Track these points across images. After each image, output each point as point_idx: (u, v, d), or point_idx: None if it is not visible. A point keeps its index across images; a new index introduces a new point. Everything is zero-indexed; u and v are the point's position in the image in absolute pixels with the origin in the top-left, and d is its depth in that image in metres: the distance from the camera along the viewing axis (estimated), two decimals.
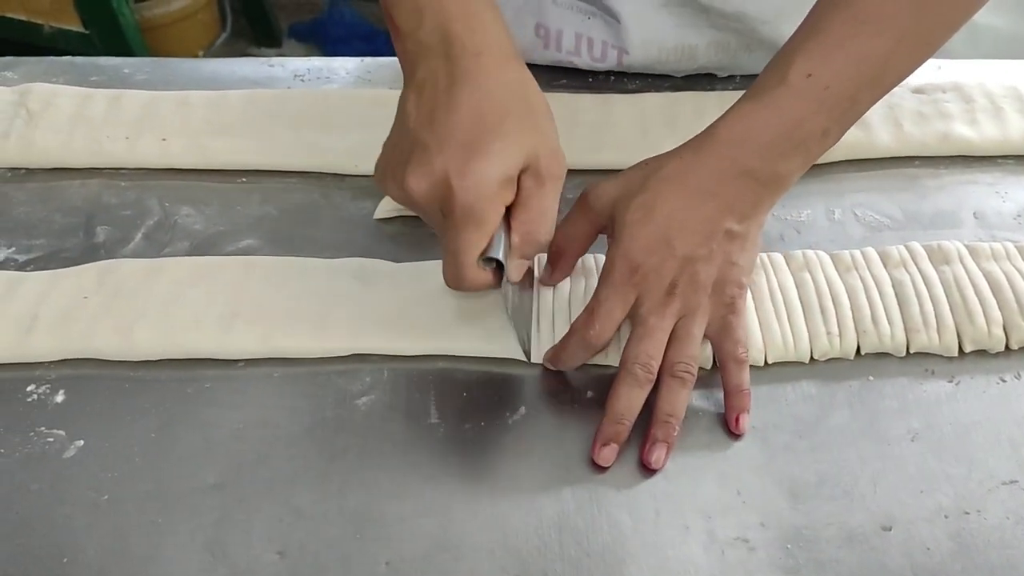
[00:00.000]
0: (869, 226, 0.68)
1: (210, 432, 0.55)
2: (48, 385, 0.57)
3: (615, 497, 0.53)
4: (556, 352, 0.58)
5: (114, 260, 0.63)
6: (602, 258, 0.62)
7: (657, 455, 0.54)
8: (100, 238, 0.66)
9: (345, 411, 0.57)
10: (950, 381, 0.59)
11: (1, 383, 0.57)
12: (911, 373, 0.59)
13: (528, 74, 0.55)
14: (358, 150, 0.70)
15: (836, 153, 0.71)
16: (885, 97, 0.74)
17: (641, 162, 0.59)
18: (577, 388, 0.59)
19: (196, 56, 2.17)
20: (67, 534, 0.51)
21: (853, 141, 0.71)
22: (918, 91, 0.75)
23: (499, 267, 0.54)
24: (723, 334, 0.57)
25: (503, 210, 0.53)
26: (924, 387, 0.58)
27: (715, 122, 0.58)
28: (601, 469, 0.54)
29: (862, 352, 0.60)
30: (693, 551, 0.51)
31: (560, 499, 0.53)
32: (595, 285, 0.59)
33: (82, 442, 0.55)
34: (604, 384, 0.57)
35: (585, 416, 0.56)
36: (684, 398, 0.56)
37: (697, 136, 0.58)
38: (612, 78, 0.81)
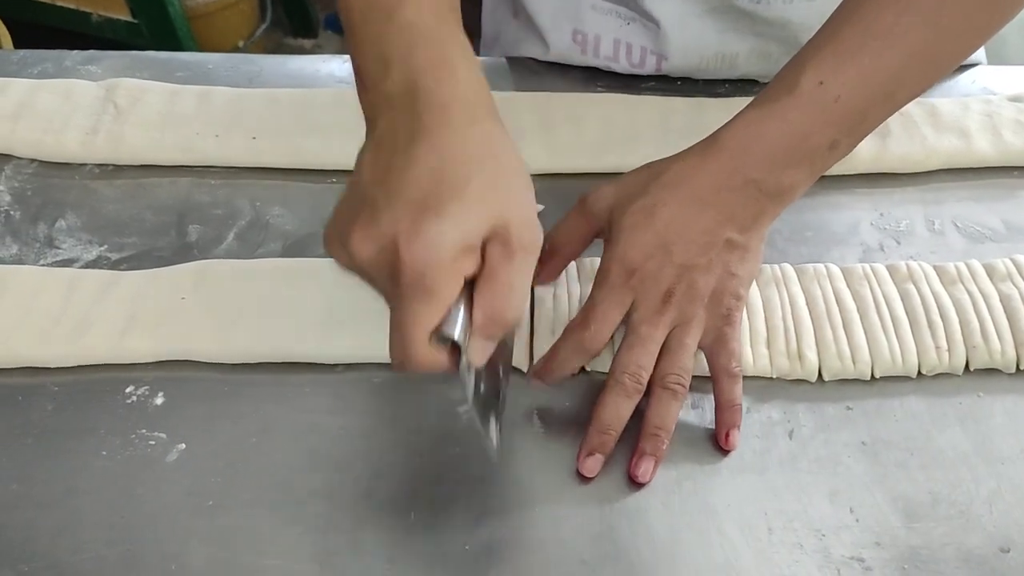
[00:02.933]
0: (970, 237, 0.67)
1: (311, 438, 0.55)
2: (147, 387, 0.57)
3: (726, 512, 0.52)
4: (547, 359, 0.56)
5: (210, 261, 0.62)
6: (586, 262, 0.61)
7: (644, 468, 0.53)
8: (192, 237, 0.65)
9: (447, 419, 0.56)
10: None
11: (100, 384, 0.57)
12: (1022, 390, 0.58)
13: (502, 131, 0.49)
14: None
15: (934, 161, 0.70)
16: (983, 105, 0.73)
17: (643, 166, 0.58)
18: None
19: (237, 46, 2.17)
20: (173, 541, 0.50)
21: (952, 150, 0.70)
22: (1015, 99, 0.74)
23: (456, 348, 0.46)
24: (717, 346, 0.56)
25: (461, 282, 0.45)
26: None
27: (720, 129, 0.56)
28: (585, 480, 0.53)
29: (971, 368, 0.58)
30: (808, 570, 0.50)
31: (670, 512, 0.52)
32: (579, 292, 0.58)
33: (184, 445, 0.54)
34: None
35: (691, 429, 0.56)
36: (675, 411, 0.54)
37: (701, 142, 0.57)
38: (653, 83, 0.79)
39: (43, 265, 0.63)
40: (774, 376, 0.58)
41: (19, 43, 1.54)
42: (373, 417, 0.56)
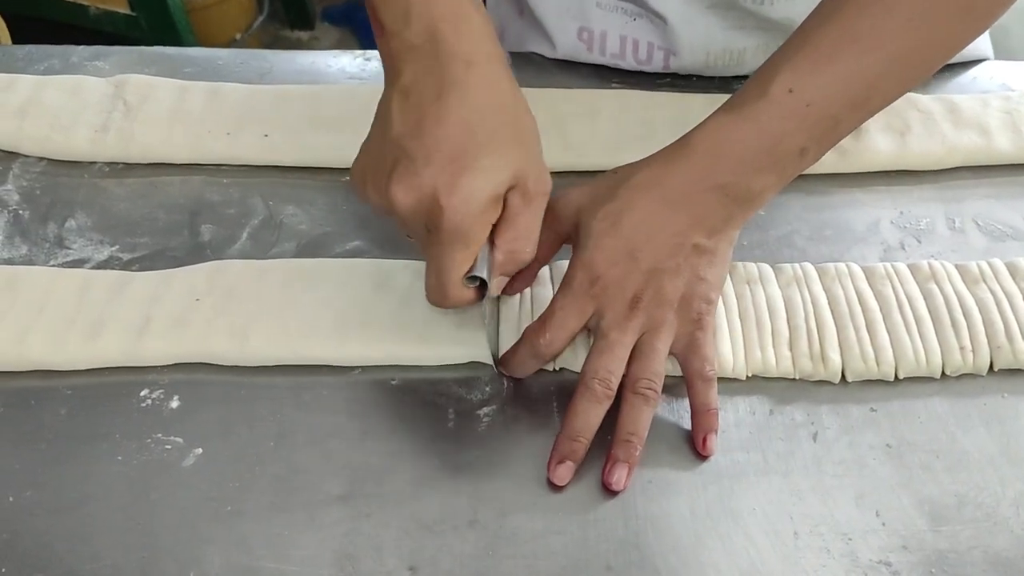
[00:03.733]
0: (991, 235, 0.66)
1: (330, 441, 0.54)
2: (162, 390, 0.56)
3: (751, 517, 0.51)
4: (507, 358, 0.56)
5: (224, 261, 0.61)
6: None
7: (618, 476, 0.52)
8: (205, 237, 0.64)
9: (467, 421, 0.55)
10: None
11: (114, 387, 0.56)
12: None
13: (517, 87, 0.53)
14: None
15: (954, 159, 0.69)
16: (1002, 102, 0.73)
17: (611, 170, 0.57)
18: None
19: (234, 39, 2.16)
20: (192, 547, 0.49)
21: (971, 147, 0.69)
22: None
23: (481, 283, 0.52)
24: (690, 351, 0.55)
25: (489, 228, 0.51)
26: None
27: (690, 132, 0.56)
28: (557, 489, 0.52)
29: (995, 368, 0.58)
30: (836, 575, 0.49)
31: (695, 517, 0.51)
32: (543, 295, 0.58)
33: (200, 450, 0.53)
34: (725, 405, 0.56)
35: (721, 433, 0.55)
36: (647, 416, 0.53)
37: (670, 145, 0.56)
38: (668, 79, 0.78)
39: (53, 266, 0.62)
40: (797, 377, 0.57)
41: (16, 36, 1.52)
42: (392, 420, 0.55)
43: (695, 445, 0.54)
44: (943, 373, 0.57)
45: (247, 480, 0.52)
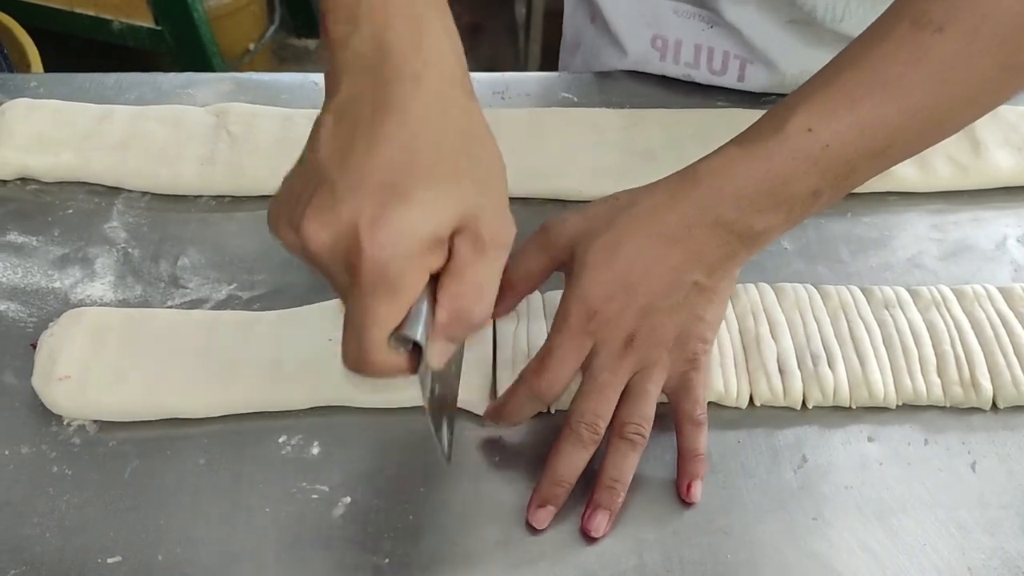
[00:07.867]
0: None
1: (484, 485, 0.52)
2: (301, 435, 0.54)
3: (923, 552, 0.50)
4: (500, 405, 0.53)
5: None
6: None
7: (598, 523, 0.50)
8: None
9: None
10: None
11: (251, 434, 0.54)
12: None
13: (478, 109, 0.45)
14: (580, 174, 0.66)
15: None
16: None
17: (611, 195, 0.54)
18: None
19: (248, 49, 2.12)
20: None
21: None
22: None
23: (417, 349, 0.43)
24: (681, 392, 0.53)
25: (426, 278, 0.42)
26: None
27: (697, 162, 0.53)
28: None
29: None
30: None
31: (866, 553, 0.50)
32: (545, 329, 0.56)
33: (349, 499, 0.51)
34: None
35: (872, 462, 0.54)
36: (632, 462, 0.51)
37: (676, 174, 0.53)
38: (774, 97, 0.76)
39: (171, 307, 0.59)
40: (947, 405, 0.56)
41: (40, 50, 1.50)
42: (538, 459, 0.53)
43: (679, 491, 0.52)
44: None
45: (401, 529, 0.50)
